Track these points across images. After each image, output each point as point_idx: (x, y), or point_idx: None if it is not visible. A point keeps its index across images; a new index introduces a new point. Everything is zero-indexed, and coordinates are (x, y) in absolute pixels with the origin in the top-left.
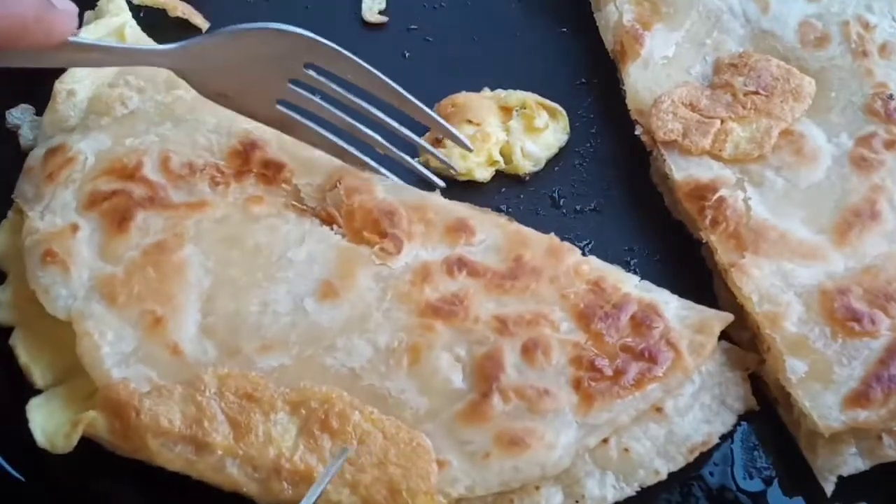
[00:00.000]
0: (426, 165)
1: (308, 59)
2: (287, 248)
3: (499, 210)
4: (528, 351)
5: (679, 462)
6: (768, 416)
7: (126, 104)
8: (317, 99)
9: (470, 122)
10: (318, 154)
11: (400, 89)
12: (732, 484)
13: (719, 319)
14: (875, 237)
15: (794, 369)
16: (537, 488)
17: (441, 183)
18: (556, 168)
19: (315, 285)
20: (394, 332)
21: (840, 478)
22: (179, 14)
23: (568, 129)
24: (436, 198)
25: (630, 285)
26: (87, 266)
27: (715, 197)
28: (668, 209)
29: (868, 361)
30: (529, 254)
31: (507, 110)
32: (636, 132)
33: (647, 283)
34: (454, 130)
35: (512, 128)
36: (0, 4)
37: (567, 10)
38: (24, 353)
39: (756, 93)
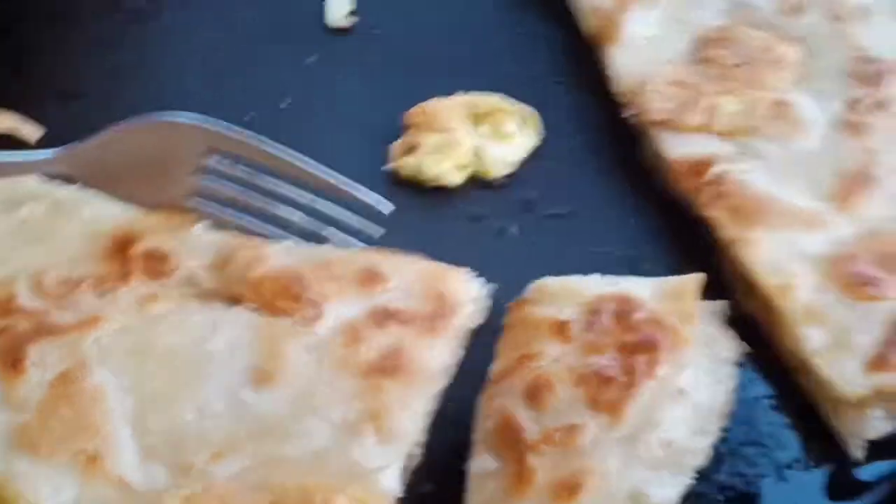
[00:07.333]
0: (397, 174)
1: (209, 146)
2: (203, 340)
3: (472, 216)
4: (534, 396)
5: (713, 432)
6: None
7: None
8: (228, 186)
9: (440, 130)
10: (199, 230)
11: (303, 162)
12: (732, 484)
13: (692, 282)
14: (876, 200)
15: (811, 339)
16: None
17: (390, 206)
18: (530, 171)
19: (245, 375)
20: (346, 402)
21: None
22: (5, 129)
23: (540, 130)
24: (332, 251)
25: (593, 284)
26: None
27: (711, 172)
28: (666, 189)
29: (885, 324)
30: (448, 288)
31: (478, 116)
32: (625, 115)
33: (609, 277)
34: (364, 195)
35: (481, 133)
36: None
37: (539, 9)
38: None
39: (741, 65)
